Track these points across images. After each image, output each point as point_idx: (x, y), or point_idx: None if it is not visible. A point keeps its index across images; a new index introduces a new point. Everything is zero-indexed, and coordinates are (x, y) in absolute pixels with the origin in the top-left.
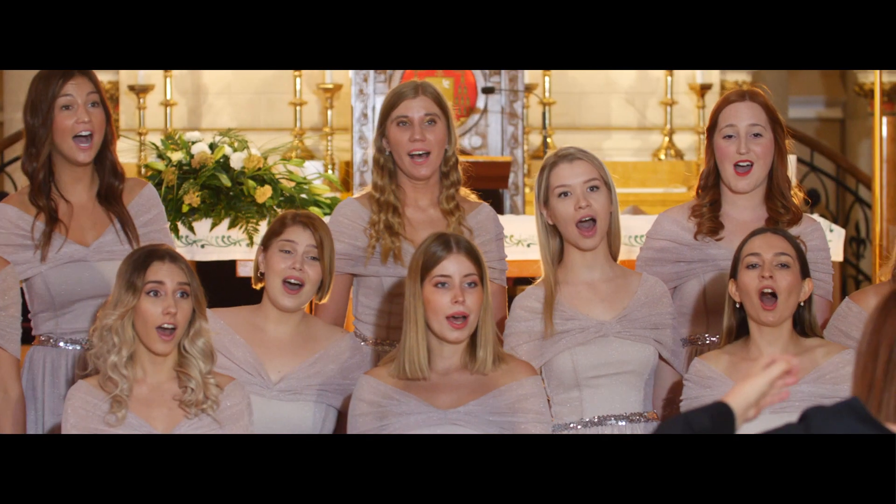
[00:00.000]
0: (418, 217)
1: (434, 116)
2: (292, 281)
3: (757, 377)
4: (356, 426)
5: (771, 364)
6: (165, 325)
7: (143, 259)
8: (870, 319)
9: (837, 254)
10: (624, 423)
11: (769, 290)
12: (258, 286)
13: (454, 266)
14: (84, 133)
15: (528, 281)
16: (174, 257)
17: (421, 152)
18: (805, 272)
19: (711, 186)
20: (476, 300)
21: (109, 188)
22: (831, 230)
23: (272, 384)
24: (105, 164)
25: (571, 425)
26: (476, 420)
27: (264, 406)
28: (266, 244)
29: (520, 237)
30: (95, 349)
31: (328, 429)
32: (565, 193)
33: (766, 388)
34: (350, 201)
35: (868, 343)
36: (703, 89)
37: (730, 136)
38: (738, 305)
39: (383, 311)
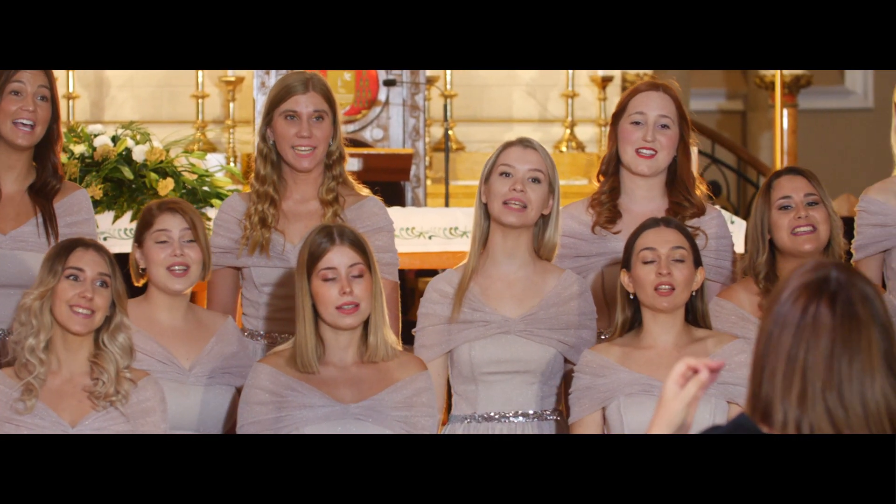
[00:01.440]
0: (296, 209)
1: (322, 113)
2: (176, 268)
3: (672, 402)
4: (252, 414)
5: (684, 383)
6: (80, 309)
7: (68, 246)
8: (761, 329)
9: (738, 245)
10: (520, 419)
11: (666, 286)
12: (140, 283)
13: (339, 257)
14: (25, 121)
15: (430, 273)
16: (99, 248)
17: (307, 147)
18: (697, 262)
19: (612, 173)
20: (364, 289)
21: (45, 185)
22: (732, 222)
23: (186, 371)
24: (47, 164)
25: (466, 420)
26: (377, 415)
27: (185, 393)
28: (139, 239)
29: (421, 229)
30: (15, 334)
31: (227, 410)
32: (507, 174)
33: (687, 407)
34: (234, 196)
35: (762, 354)
36: (605, 82)
37: (637, 123)
38: (631, 297)
39: (258, 303)
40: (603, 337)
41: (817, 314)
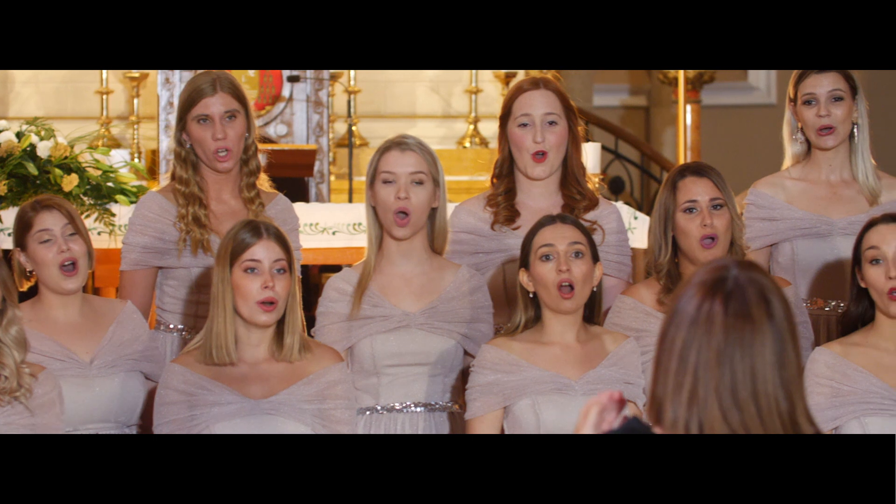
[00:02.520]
0: (221, 209)
1: (233, 112)
2: (65, 264)
3: (582, 430)
4: (165, 414)
5: (587, 411)
6: None
7: None
8: (661, 328)
9: (642, 240)
10: (421, 409)
11: (567, 283)
12: (26, 286)
13: (264, 252)
14: None
15: (333, 269)
16: None
17: (224, 149)
18: (595, 257)
19: (506, 175)
20: (285, 286)
21: None
22: (636, 217)
23: (87, 364)
24: None
25: (367, 412)
26: (288, 409)
27: (89, 387)
28: (21, 243)
29: (325, 225)
30: None
31: (143, 396)
32: (389, 181)
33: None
34: (154, 195)
35: (659, 353)
36: (508, 77)
37: (525, 125)
38: (531, 295)
39: (191, 301)
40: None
41: (710, 312)
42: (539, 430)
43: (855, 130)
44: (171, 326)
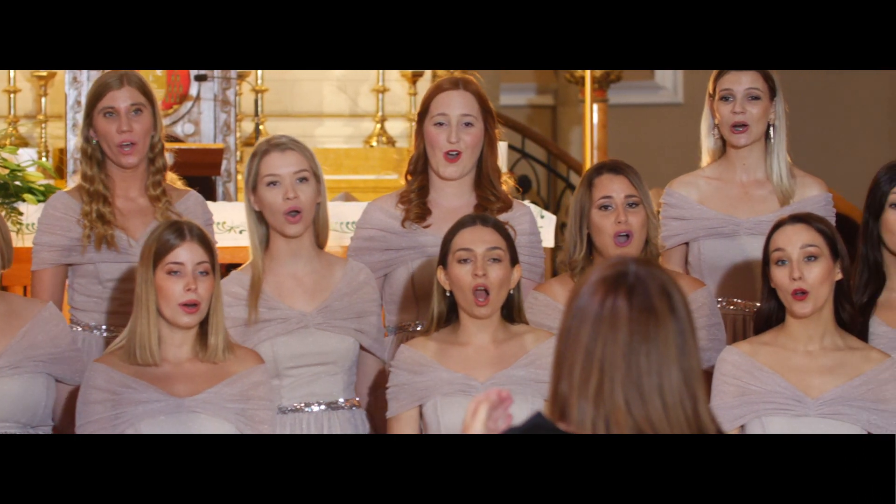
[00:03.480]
0: (128, 206)
1: (140, 106)
2: None
3: (471, 427)
4: (89, 414)
5: (477, 409)
6: None
7: None
8: (562, 324)
9: (549, 240)
10: (323, 408)
11: (482, 288)
12: None
13: (187, 254)
14: None
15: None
16: None
17: (128, 143)
18: (514, 260)
19: (420, 172)
20: (207, 288)
21: None
22: (542, 216)
23: None
24: None
25: (277, 413)
26: (213, 407)
27: None
28: None
29: (232, 224)
30: None
31: (52, 398)
32: (274, 183)
33: (485, 426)
34: (61, 194)
35: (561, 350)
36: (415, 77)
37: (441, 124)
38: (447, 294)
39: (100, 298)
40: (416, 330)
41: (615, 307)
42: (440, 432)
43: (771, 131)
44: (84, 324)
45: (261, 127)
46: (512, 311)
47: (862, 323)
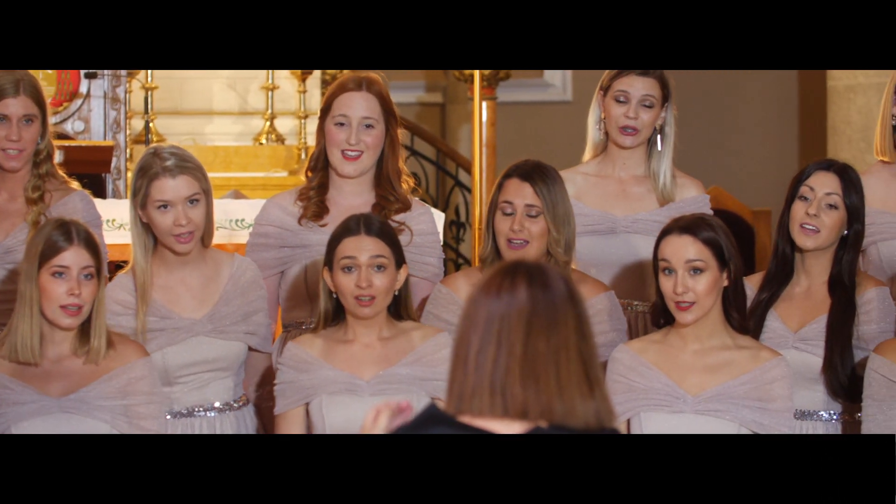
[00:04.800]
0: (5, 206)
1: (31, 116)
2: None
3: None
4: None
5: (377, 417)
6: None
7: None
8: (461, 317)
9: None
10: (213, 413)
11: (365, 297)
12: None
13: (73, 258)
14: None
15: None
16: None
17: (15, 150)
18: (400, 262)
19: (320, 169)
20: (91, 292)
21: None
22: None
23: None
24: None
25: (169, 417)
26: (88, 406)
27: None
28: None
29: (122, 221)
30: None
31: None
32: (165, 206)
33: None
34: None
35: (459, 342)
36: (305, 75)
37: (341, 124)
38: (333, 295)
39: None
40: (309, 328)
41: (515, 293)
42: (325, 431)
43: (658, 136)
44: None
45: (151, 124)
46: (399, 309)
47: (760, 314)
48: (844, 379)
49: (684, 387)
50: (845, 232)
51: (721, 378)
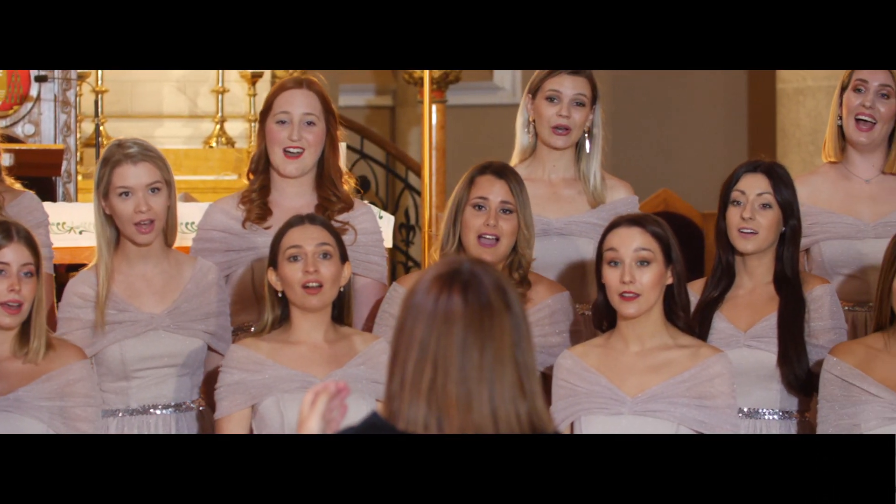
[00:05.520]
0: None
1: None
2: None
3: (309, 418)
4: None
5: (315, 400)
6: None
7: None
8: (397, 322)
9: (388, 240)
10: (169, 411)
11: (313, 284)
12: None
13: (12, 255)
14: None
15: (81, 268)
16: None
17: None
18: (343, 257)
19: (262, 171)
20: (31, 289)
21: None
22: (380, 217)
23: None
24: None
25: (119, 414)
26: (25, 406)
27: None
28: None
29: (72, 224)
30: None
31: None
32: (126, 194)
33: (324, 421)
34: None
35: (395, 348)
36: (255, 78)
37: (283, 122)
38: (279, 294)
39: None
40: (252, 329)
41: (449, 303)
42: (283, 428)
43: (586, 137)
44: None
45: (101, 128)
46: (341, 312)
47: (703, 317)
48: (801, 373)
49: (624, 389)
50: (783, 229)
51: (661, 378)
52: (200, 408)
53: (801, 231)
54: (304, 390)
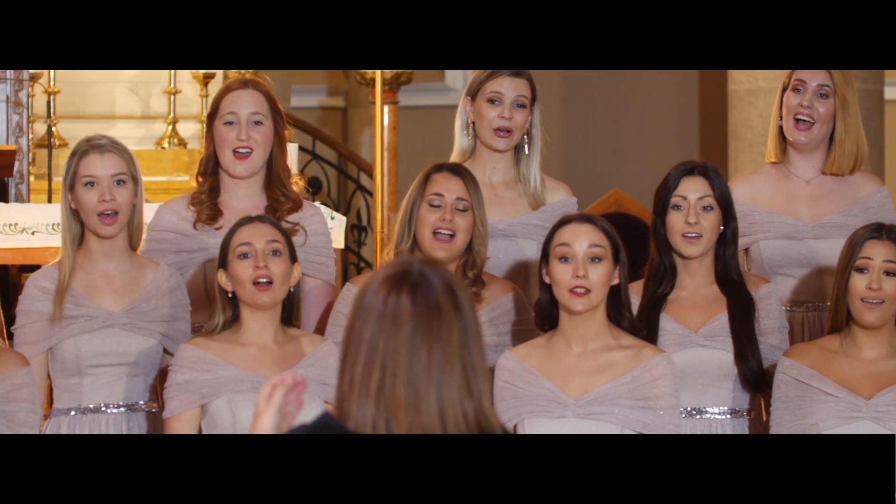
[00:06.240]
0: None
1: None
2: None
3: (265, 412)
4: None
5: (272, 394)
6: None
7: None
8: (347, 324)
9: (339, 241)
10: (123, 410)
11: (264, 280)
12: None
13: None
14: None
15: (33, 269)
16: None
17: None
18: (293, 257)
19: (211, 173)
20: None
21: None
22: (332, 218)
23: None
24: None
25: (71, 413)
26: None
27: None
28: None
29: (24, 225)
30: None
31: None
32: (91, 184)
33: (277, 413)
34: None
35: (345, 349)
36: (207, 79)
37: (230, 123)
38: (230, 295)
39: None
40: (203, 330)
41: (398, 304)
42: (235, 429)
43: (525, 139)
44: None
45: (53, 128)
46: (291, 314)
47: (650, 319)
48: (757, 369)
49: (567, 391)
50: (721, 228)
51: (604, 379)
52: (153, 409)
53: (739, 230)
54: (255, 391)
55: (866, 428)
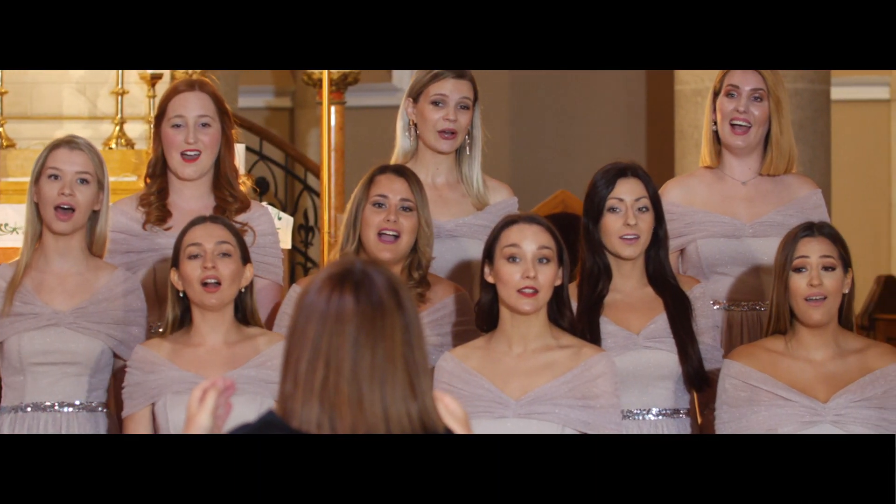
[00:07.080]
0: None
1: None
2: None
3: (199, 415)
4: None
5: (204, 397)
6: None
7: None
8: (290, 323)
9: (286, 241)
10: (67, 409)
11: (212, 280)
12: None
13: None
14: None
15: None
16: None
17: None
18: (245, 258)
19: (159, 175)
20: None
21: None
22: (279, 218)
23: None
24: None
25: (15, 411)
26: None
27: None
28: None
29: None
30: None
31: None
32: (55, 177)
33: (213, 418)
34: None
35: (288, 348)
36: (154, 80)
37: (178, 126)
38: (181, 294)
39: None
40: (160, 331)
41: (341, 303)
42: (168, 429)
43: (467, 139)
44: None
45: (0, 129)
46: (246, 313)
47: (590, 321)
48: (699, 367)
49: (508, 391)
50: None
51: (544, 379)
52: (102, 409)
53: (674, 231)
54: (190, 393)
55: (826, 431)
